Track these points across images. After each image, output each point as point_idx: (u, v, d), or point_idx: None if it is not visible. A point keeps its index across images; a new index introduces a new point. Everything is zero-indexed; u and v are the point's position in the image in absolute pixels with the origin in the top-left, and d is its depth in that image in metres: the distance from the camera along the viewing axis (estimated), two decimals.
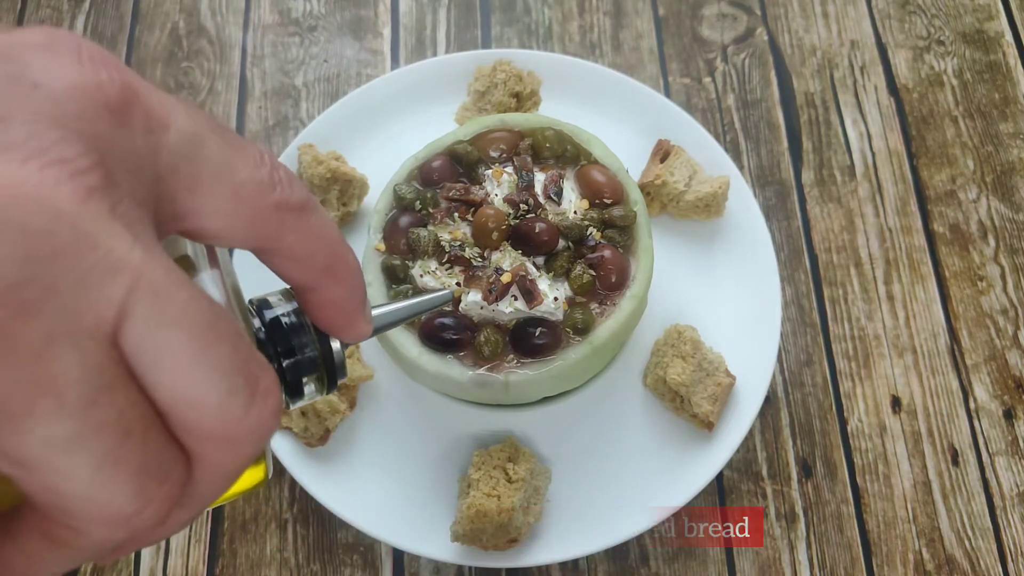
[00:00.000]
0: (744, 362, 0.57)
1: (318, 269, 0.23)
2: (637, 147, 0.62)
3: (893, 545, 0.57)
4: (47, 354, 0.17)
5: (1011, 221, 0.67)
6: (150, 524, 0.19)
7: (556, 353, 0.49)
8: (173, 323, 0.19)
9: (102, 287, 0.18)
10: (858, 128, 0.70)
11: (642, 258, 0.52)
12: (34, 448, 0.18)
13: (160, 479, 0.19)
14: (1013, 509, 0.58)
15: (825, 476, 0.59)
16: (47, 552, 0.20)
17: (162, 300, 0.19)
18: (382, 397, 0.57)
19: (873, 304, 0.64)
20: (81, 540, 0.20)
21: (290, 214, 0.22)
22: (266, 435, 0.21)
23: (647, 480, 0.55)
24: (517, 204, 0.51)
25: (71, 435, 0.18)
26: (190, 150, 0.21)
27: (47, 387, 0.17)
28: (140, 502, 0.19)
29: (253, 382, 0.20)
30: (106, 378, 0.18)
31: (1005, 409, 0.61)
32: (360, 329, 0.25)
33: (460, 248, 0.50)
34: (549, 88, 0.64)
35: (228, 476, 0.21)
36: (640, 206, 0.53)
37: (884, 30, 0.73)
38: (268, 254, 0.23)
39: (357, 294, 0.25)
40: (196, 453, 0.20)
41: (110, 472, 0.18)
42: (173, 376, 0.19)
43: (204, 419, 0.19)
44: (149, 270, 0.19)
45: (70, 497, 0.18)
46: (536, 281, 0.49)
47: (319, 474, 0.55)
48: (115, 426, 0.18)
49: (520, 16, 0.74)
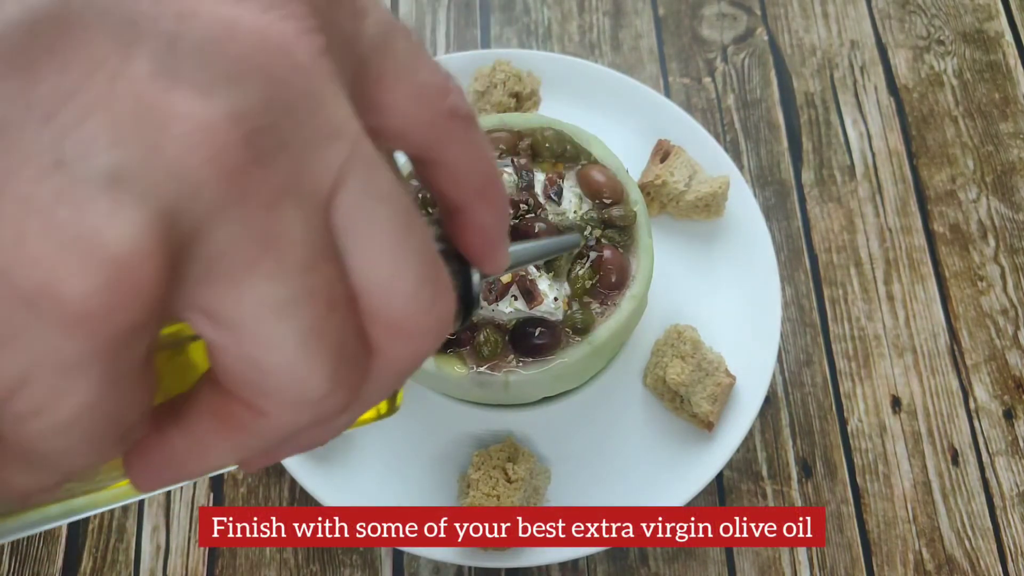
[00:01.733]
0: (744, 362, 0.57)
1: (475, 188, 0.23)
2: (637, 147, 0.62)
3: (893, 545, 0.57)
4: (277, 207, 0.17)
5: (1011, 221, 0.67)
6: (334, 411, 0.19)
7: (556, 353, 0.49)
8: (384, 198, 0.18)
9: (326, 150, 0.17)
10: (858, 128, 0.70)
11: (642, 258, 0.52)
12: (248, 307, 0.17)
13: (352, 364, 0.18)
14: (1013, 509, 0.58)
15: (825, 476, 0.59)
16: (218, 438, 0.19)
17: (375, 173, 0.18)
18: None
19: (873, 304, 0.64)
20: (260, 424, 0.18)
21: (460, 123, 0.22)
22: (443, 334, 0.20)
23: (647, 480, 0.55)
24: (517, 204, 0.51)
25: (287, 298, 0.17)
26: (382, 43, 0.20)
27: (274, 242, 0.16)
28: (332, 384, 0.18)
29: (438, 276, 0.19)
30: (322, 244, 0.17)
31: (1005, 409, 0.61)
32: (501, 259, 0.25)
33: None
34: (549, 88, 0.64)
35: (402, 374, 0.20)
36: (640, 206, 0.53)
37: (884, 30, 0.73)
38: (431, 166, 0.22)
39: (504, 221, 0.24)
40: (378, 344, 0.19)
41: (315, 346, 0.17)
42: (375, 255, 0.18)
43: (395, 305, 0.19)
44: (364, 142, 0.18)
45: (269, 369, 0.17)
46: (536, 281, 0.49)
47: (319, 474, 0.55)
48: (325, 297, 0.17)
49: (519, 16, 0.74)
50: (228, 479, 0.58)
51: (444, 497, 0.55)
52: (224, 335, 0.17)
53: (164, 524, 0.57)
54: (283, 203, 0.17)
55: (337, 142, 0.17)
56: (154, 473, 0.19)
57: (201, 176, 0.16)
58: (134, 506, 0.57)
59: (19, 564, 0.56)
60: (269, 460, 0.21)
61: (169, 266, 0.16)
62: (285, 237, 0.17)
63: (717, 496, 0.58)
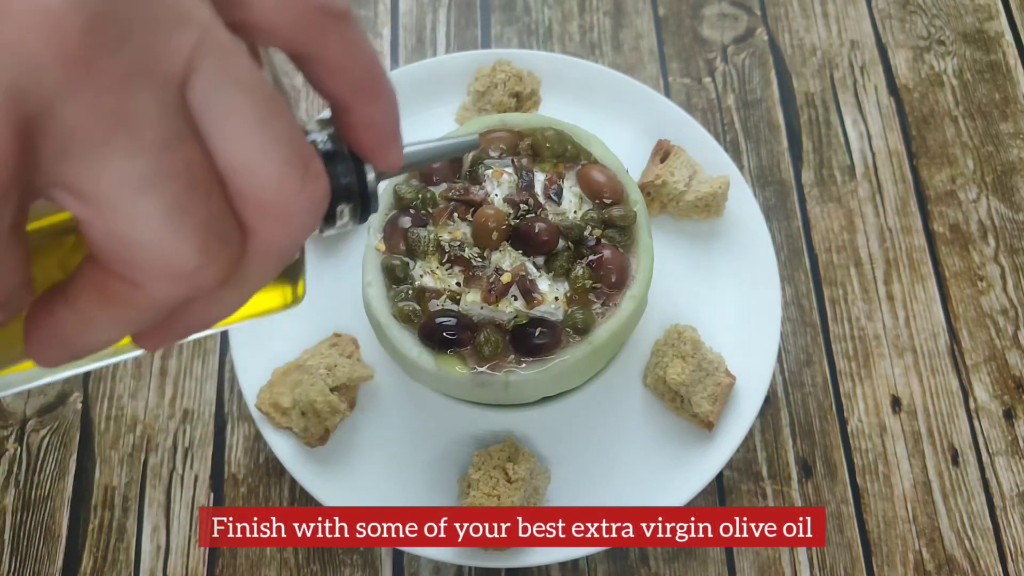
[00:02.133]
0: (744, 362, 0.57)
1: (355, 85, 0.23)
2: (637, 147, 0.62)
3: (893, 545, 0.57)
4: (127, 88, 0.18)
5: (1011, 221, 0.67)
6: (210, 283, 0.20)
7: (556, 353, 0.49)
8: (239, 85, 0.19)
9: (174, 34, 0.18)
10: (858, 128, 0.70)
11: (642, 258, 0.52)
12: (108, 183, 0.18)
13: (222, 240, 0.19)
14: (1013, 509, 0.58)
15: (825, 476, 0.59)
16: (100, 312, 0.20)
17: (229, 60, 0.19)
18: (382, 397, 0.57)
19: (873, 304, 0.64)
20: (137, 297, 0.20)
21: (333, 20, 0.22)
22: (316, 216, 0.21)
23: (647, 479, 0.55)
24: (517, 204, 0.51)
25: (145, 174, 0.18)
26: None
27: (125, 121, 0.18)
28: (204, 258, 0.19)
29: (307, 160, 0.21)
30: (178, 126, 0.18)
31: (1005, 409, 0.61)
32: (394, 155, 0.25)
33: (460, 248, 0.50)
34: (549, 88, 0.64)
35: (281, 254, 0.21)
36: (640, 206, 0.53)
37: (884, 30, 0.73)
38: (309, 63, 0.23)
39: (393, 116, 0.25)
40: (251, 226, 0.20)
41: (178, 220, 0.18)
42: (236, 138, 0.19)
43: (262, 187, 0.20)
44: (216, 29, 0.19)
45: (136, 244, 0.19)
46: (536, 281, 0.49)
47: (319, 474, 0.55)
48: (185, 176, 0.18)
49: (520, 16, 0.74)
50: (228, 479, 0.58)
51: (444, 497, 0.55)
52: (89, 211, 0.18)
53: (164, 524, 0.57)
54: (132, 84, 0.18)
55: (186, 27, 0.18)
56: (48, 347, 0.21)
57: (43, 57, 0.17)
58: (134, 506, 0.57)
59: (19, 564, 0.56)
60: (165, 337, 0.22)
61: (20, 139, 0.17)
62: (138, 116, 0.18)
63: (717, 496, 0.58)
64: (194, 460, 0.59)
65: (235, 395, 0.60)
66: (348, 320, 0.58)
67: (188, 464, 0.59)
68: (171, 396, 0.61)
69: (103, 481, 0.58)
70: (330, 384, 0.54)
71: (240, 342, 0.57)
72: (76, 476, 0.58)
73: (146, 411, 0.60)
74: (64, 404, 0.60)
